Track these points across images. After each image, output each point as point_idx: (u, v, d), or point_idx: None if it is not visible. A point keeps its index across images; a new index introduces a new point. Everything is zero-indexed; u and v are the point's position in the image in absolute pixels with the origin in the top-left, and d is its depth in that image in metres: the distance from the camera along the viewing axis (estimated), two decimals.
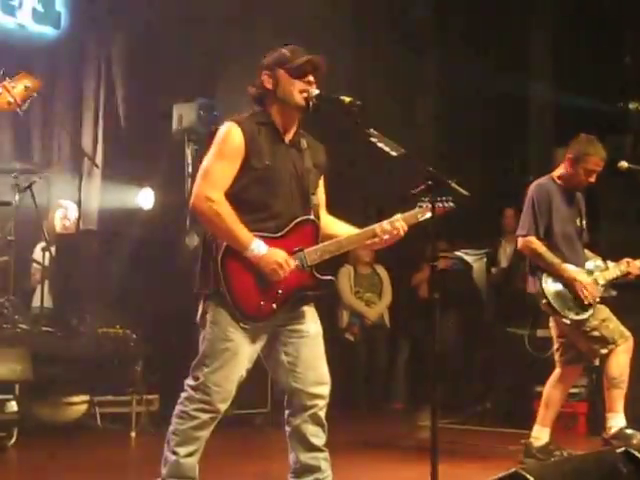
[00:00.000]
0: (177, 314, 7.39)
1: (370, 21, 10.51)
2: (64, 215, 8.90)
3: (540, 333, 8.17)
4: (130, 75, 10.46)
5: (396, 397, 10.21)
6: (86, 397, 7.67)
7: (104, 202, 10.05)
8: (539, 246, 6.35)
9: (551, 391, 6.44)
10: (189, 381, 4.42)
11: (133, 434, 7.59)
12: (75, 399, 7.60)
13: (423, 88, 11.13)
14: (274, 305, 4.36)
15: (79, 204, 8.68)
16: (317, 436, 4.44)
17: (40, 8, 10.01)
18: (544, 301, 6.30)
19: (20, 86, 4.18)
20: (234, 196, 4.34)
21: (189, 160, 9.39)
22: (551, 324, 6.49)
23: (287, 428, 4.50)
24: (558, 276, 6.31)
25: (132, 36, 10.19)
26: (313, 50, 4.47)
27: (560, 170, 6.53)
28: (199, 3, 9.65)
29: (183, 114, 9.51)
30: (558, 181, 6.52)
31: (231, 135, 4.38)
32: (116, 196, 9.91)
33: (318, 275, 4.45)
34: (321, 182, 4.68)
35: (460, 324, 10.03)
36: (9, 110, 4.15)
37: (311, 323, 4.50)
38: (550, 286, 6.30)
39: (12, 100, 4.12)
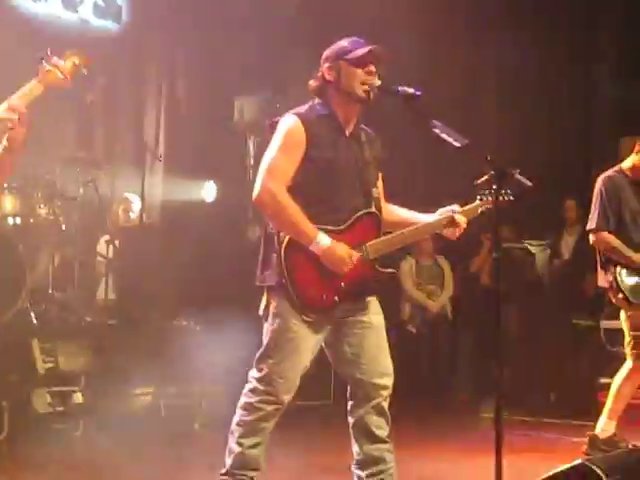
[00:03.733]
0: (240, 306, 7.41)
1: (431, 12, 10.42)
2: (128, 208, 8.98)
3: (604, 325, 8.08)
4: (192, 69, 10.51)
5: (459, 389, 10.16)
6: (150, 389, 7.72)
7: (167, 195, 10.12)
8: (612, 240, 6.26)
9: (621, 384, 6.34)
10: (253, 373, 4.44)
11: (196, 426, 7.64)
12: (139, 391, 7.66)
13: (486, 77, 11.04)
14: (336, 297, 4.36)
15: (142, 197, 8.75)
16: (381, 427, 4.44)
17: (101, 2, 10.11)
18: (620, 295, 6.21)
19: (69, 63, 4.26)
20: (296, 189, 4.34)
21: (251, 153, 9.42)
22: (622, 317, 6.38)
23: (350, 419, 4.50)
24: (634, 269, 6.23)
25: (194, 29, 10.23)
26: (377, 42, 4.45)
27: (630, 161, 6.44)
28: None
29: (245, 107, 9.56)
30: (628, 173, 6.42)
31: (293, 128, 4.37)
32: (179, 189, 9.97)
33: (380, 268, 4.44)
34: (380, 174, 4.67)
35: (523, 315, 9.94)
36: (59, 85, 4.20)
37: (374, 314, 4.49)
38: (625, 279, 6.21)
39: (62, 76, 4.18)
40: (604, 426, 6.31)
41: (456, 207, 4.59)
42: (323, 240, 4.27)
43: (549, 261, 10.21)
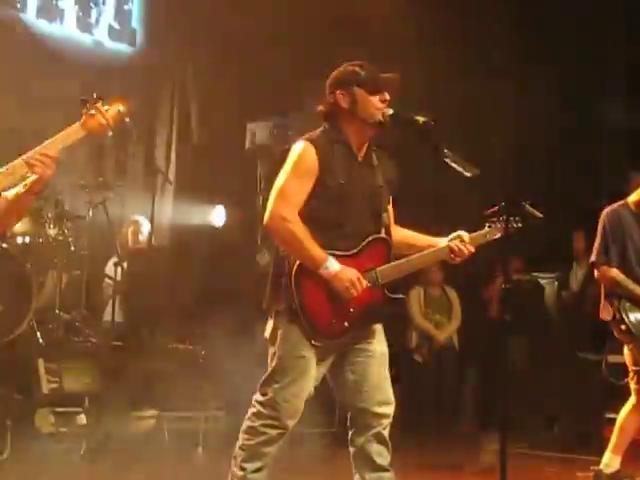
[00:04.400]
0: (245, 330, 7.41)
1: (445, 39, 10.44)
2: (137, 230, 8.99)
3: (611, 359, 8.03)
4: (204, 93, 10.54)
5: (464, 419, 10.12)
6: (154, 412, 7.70)
7: (176, 218, 10.13)
8: (616, 274, 6.23)
9: (626, 419, 6.30)
10: (258, 397, 4.42)
11: (200, 450, 7.61)
12: (143, 414, 7.64)
13: (494, 107, 11.04)
14: (346, 323, 4.35)
15: (152, 220, 8.76)
16: (381, 455, 4.41)
17: (116, 25, 10.17)
18: (623, 327, 6.19)
19: (113, 109, 4.19)
20: (307, 214, 4.34)
21: (261, 178, 9.44)
22: (625, 351, 6.35)
23: (351, 448, 4.47)
24: (637, 303, 6.20)
25: (207, 54, 10.27)
26: (388, 68, 4.46)
27: (636, 195, 6.43)
28: (275, 22, 9.70)
29: (257, 132, 9.57)
30: (632, 207, 6.41)
31: (305, 154, 4.38)
32: (188, 213, 9.99)
33: (389, 294, 4.44)
34: (390, 197, 4.67)
35: (529, 347, 9.91)
36: (100, 132, 4.13)
37: (378, 343, 4.49)
38: (629, 313, 6.19)
39: (104, 122, 4.11)
40: (609, 461, 6.26)
41: (464, 233, 4.59)
42: (332, 265, 4.26)
43: (557, 294, 10.19)
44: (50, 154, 3.91)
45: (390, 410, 4.46)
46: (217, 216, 10.03)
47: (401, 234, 4.70)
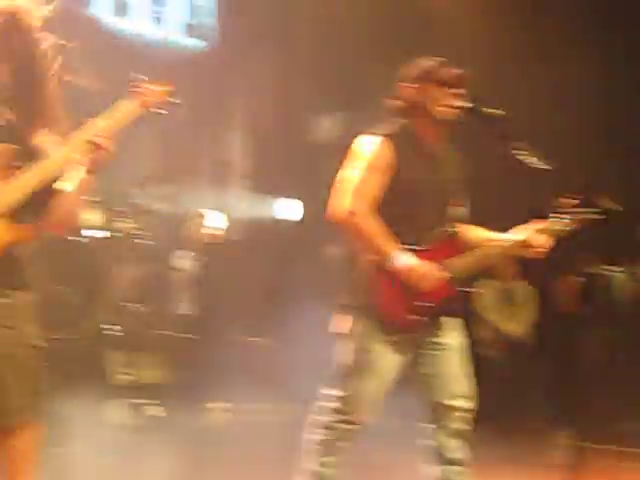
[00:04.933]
0: (319, 325, 7.40)
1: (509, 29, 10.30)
2: (208, 224, 9.03)
3: None
4: (273, 87, 10.56)
5: (537, 414, 10.02)
6: (227, 404, 7.74)
7: (248, 212, 10.18)
8: None
9: None
10: (329, 392, 4.42)
11: (270, 443, 7.63)
12: (216, 406, 7.69)
13: (564, 95, 10.86)
14: (419, 317, 4.33)
15: (224, 213, 8.82)
16: (458, 451, 4.39)
17: (188, 21, 10.23)
18: None
19: (159, 87, 4.18)
20: (380, 209, 4.33)
21: (331, 171, 9.42)
22: None
23: (428, 442, 4.46)
24: None
25: (276, 49, 10.29)
26: (459, 63, 4.44)
27: None
28: (342, 19, 9.68)
29: (324, 126, 9.56)
30: None
31: (381, 150, 4.37)
32: (260, 206, 10.03)
33: (462, 288, 4.41)
34: (464, 192, 4.64)
35: (604, 341, 9.79)
36: (151, 109, 4.09)
37: (454, 336, 4.45)
38: None
39: (153, 100, 3.98)
40: None
41: (541, 226, 4.53)
42: (405, 259, 4.25)
43: (630, 286, 10.05)
44: (107, 132, 3.69)
45: (467, 404, 4.43)
46: (289, 210, 10.05)
47: (474, 230, 4.67)
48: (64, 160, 3.74)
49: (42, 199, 3.79)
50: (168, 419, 7.24)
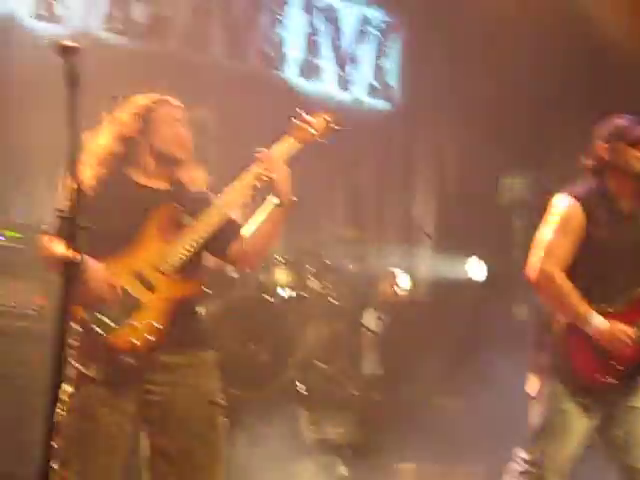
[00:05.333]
0: (506, 386, 7.31)
1: None
2: (395, 284, 9.06)
3: None
4: (460, 147, 10.57)
5: None
6: (413, 465, 7.70)
7: (434, 272, 10.16)
8: None
9: None
10: (522, 454, 4.37)
11: None
12: (402, 466, 7.66)
13: None
14: (611, 379, 4.25)
15: (410, 273, 8.84)
16: None
17: (375, 83, 10.37)
18: None
19: (319, 119, 4.26)
20: (572, 270, 4.29)
21: (517, 232, 9.36)
22: None
23: None
24: None
25: (460, 109, 10.30)
26: None
27: None
28: (529, 78, 9.62)
29: (512, 185, 9.51)
30: None
31: (571, 210, 4.35)
32: (446, 266, 10.00)
33: None
34: None
35: None
36: (311, 141, 4.19)
37: None
38: None
39: (314, 132, 4.19)
40: None
41: None
42: (598, 321, 4.19)
43: None
44: (268, 160, 3.98)
45: None
46: (475, 270, 9.99)
47: None
48: (227, 207, 3.94)
49: (219, 246, 3.95)
50: (354, 478, 7.24)
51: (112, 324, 3.72)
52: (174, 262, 3.85)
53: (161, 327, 3.78)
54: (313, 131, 4.18)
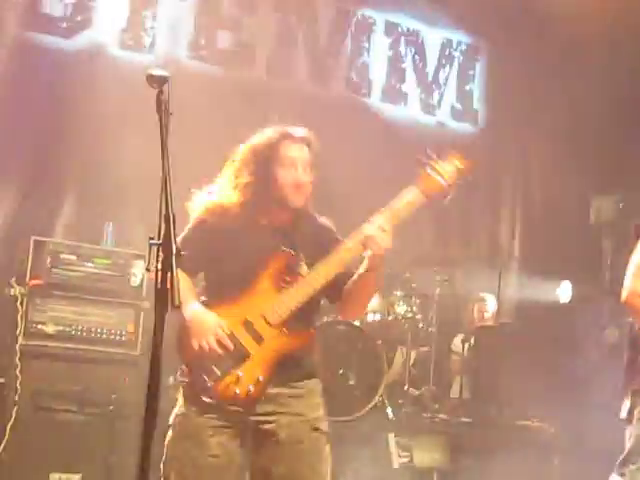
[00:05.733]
0: (598, 409, 7.22)
1: None
2: (483, 308, 9.01)
3: None
4: (546, 169, 10.48)
5: None
6: None
7: (521, 294, 10.08)
8: None
9: None
10: (615, 478, 4.31)
11: None
12: None
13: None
14: None
15: (497, 297, 8.78)
16: None
17: (459, 106, 10.36)
18: None
19: (451, 167, 3.79)
20: None
21: (608, 254, 9.25)
22: None
23: None
24: None
25: (548, 128, 10.23)
26: None
27: None
28: (615, 91, 9.51)
29: (602, 206, 9.41)
30: None
31: None
32: (533, 288, 9.91)
33: None
34: None
35: None
36: (439, 192, 3.75)
37: None
38: None
39: (444, 183, 3.74)
40: None
41: None
42: None
43: None
44: (386, 228, 3.71)
45: None
46: (563, 292, 9.88)
47: None
48: (341, 260, 3.78)
49: (334, 294, 3.90)
50: None
51: (218, 373, 3.75)
52: (283, 313, 3.80)
53: (263, 380, 3.77)
54: (442, 182, 3.80)
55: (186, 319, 3.71)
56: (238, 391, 3.74)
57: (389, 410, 7.60)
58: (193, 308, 3.75)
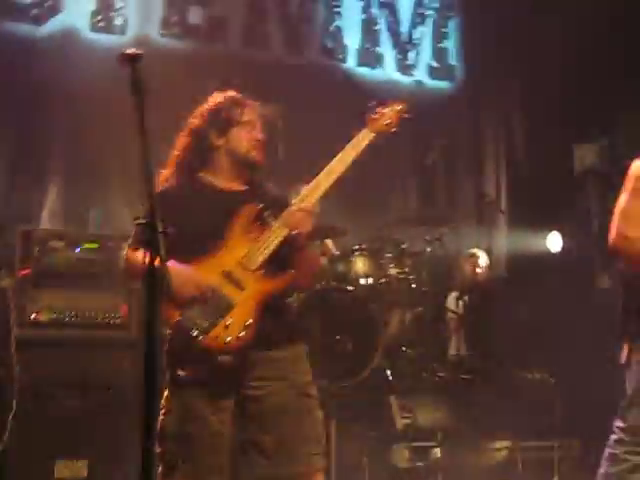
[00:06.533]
0: (593, 356, 7.25)
1: None
2: (475, 263, 9.01)
3: None
4: (528, 118, 10.49)
5: None
6: (508, 443, 7.66)
7: (512, 248, 10.11)
8: None
9: None
10: (618, 423, 4.33)
11: (556, 479, 7.50)
12: (497, 445, 7.63)
13: None
14: None
15: (488, 251, 8.80)
16: None
17: (435, 64, 10.34)
18: None
19: (393, 109, 4.37)
20: None
21: (593, 201, 9.26)
22: None
23: None
24: None
25: (525, 80, 10.22)
26: None
27: None
28: (591, 42, 9.48)
29: (584, 154, 9.41)
30: None
31: None
32: (523, 241, 9.94)
33: None
34: None
35: None
36: (387, 131, 4.31)
37: None
38: None
39: (388, 121, 4.30)
40: None
41: None
42: None
43: None
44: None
45: None
46: (553, 242, 9.90)
47: None
48: (305, 208, 4.02)
49: (288, 252, 3.98)
50: (449, 461, 7.24)
51: (205, 325, 3.78)
52: (259, 259, 3.91)
53: (252, 323, 3.84)
54: (386, 120, 4.29)
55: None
56: (229, 339, 3.78)
57: (388, 372, 7.61)
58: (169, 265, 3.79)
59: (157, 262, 2.91)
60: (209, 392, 3.85)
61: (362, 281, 7.94)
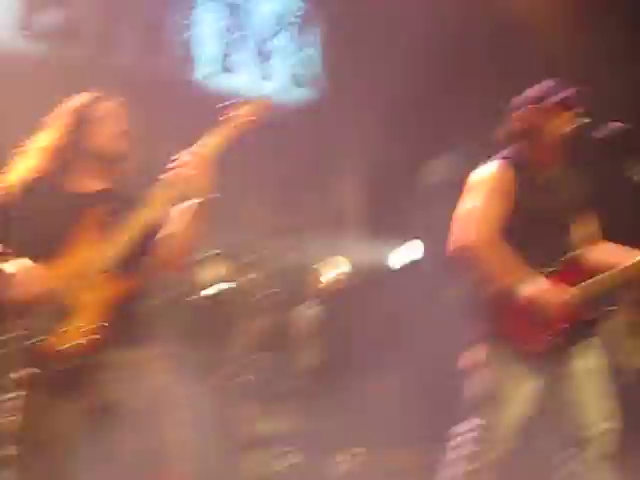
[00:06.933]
0: (445, 361, 7.36)
1: None
2: (331, 272, 9.06)
3: None
4: (385, 132, 10.62)
5: None
6: (362, 449, 7.73)
7: (368, 257, 10.21)
8: None
9: None
10: (469, 423, 4.40)
11: None
12: (348, 451, 7.69)
13: None
14: (550, 343, 4.30)
15: (344, 260, 8.87)
16: (604, 472, 4.33)
17: (296, 71, 10.37)
18: None
19: (243, 110, 4.26)
20: (503, 235, 4.32)
21: (446, 210, 9.43)
22: None
23: (572, 469, 4.39)
24: None
25: (387, 94, 10.36)
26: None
27: None
28: (436, 60, 9.66)
29: (435, 168, 9.60)
30: None
31: (500, 172, 4.41)
32: (380, 250, 10.06)
33: (595, 309, 4.35)
34: (587, 213, 4.61)
35: None
36: (248, 127, 4.22)
37: (589, 358, 4.41)
38: None
39: (239, 121, 4.21)
40: None
41: None
42: (531, 284, 4.22)
43: None
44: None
45: (608, 424, 4.37)
46: (411, 250, 10.06)
47: (604, 250, 4.61)
48: (156, 204, 3.95)
49: (144, 245, 3.95)
50: (306, 466, 7.26)
51: (43, 329, 3.70)
52: (109, 261, 3.85)
53: (105, 324, 3.77)
54: (237, 120, 4.19)
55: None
56: (74, 342, 3.72)
57: (242, 378, 7.58)
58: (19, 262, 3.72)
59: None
60: (56, 394, 3.77)
61: (216, 287, 7.89)
